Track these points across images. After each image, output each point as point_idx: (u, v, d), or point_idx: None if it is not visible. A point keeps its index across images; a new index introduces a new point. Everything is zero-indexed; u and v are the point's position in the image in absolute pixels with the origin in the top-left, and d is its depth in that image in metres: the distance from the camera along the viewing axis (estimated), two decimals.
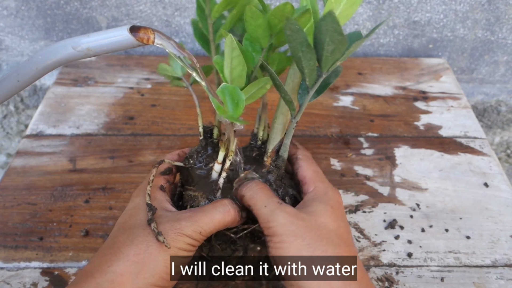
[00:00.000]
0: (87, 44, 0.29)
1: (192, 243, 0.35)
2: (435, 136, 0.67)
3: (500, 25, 0.81)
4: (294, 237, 0.34)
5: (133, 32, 0.29)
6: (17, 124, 0.97)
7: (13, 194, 0.58)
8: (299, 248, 0.34)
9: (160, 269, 0.33)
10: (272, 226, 0.35)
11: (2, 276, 0.49)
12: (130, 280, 0.32)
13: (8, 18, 0.81)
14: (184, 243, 0.34)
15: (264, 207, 0.36)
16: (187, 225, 0.35)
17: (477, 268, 0.51)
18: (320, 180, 0.39)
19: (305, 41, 0.32)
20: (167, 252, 0.34)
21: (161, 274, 0.33)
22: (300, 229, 0.34)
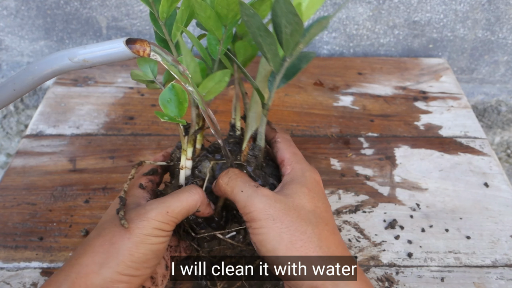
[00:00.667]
0: (84, 55, 0.30)
1: (161, 227, 0.34)
2: (435, 136, 0.67)
3: (500, 25, 0.81)
4: (273, 221, 0.33)
5: (129, 44, 0.30)
6: (17, 124, 0.97)
7: (13, 194, 0.58)
8: (279, 232, 0.33)
9: (124, 257, 0.33)
10: (250, 212, 0.34)
11: (2, 276, 0.49)
12: (95, 270, 0.32)
13: (8, 18, 0.81)
14: (150, 227, 0.34)
15: (241, 192, 0.35)
16: (152, 207, 0.35)
17: (477, 268, 0.51)
18: (297, 161, 0.39)
19: (262, 26, 0.32)
20: (131, 240, 0.33)
21: (126, 262, 0.33)
22: (278, 212, 0.34)
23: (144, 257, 0.34)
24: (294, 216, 0.34)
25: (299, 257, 0.33)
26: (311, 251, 0.33)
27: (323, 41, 0.84)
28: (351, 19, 0.81)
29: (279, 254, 0.33)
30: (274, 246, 0.33)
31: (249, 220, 0.35)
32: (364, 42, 0.84)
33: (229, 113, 0.48)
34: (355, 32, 0.83)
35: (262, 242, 0.34)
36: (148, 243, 0.34)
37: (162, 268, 0.38)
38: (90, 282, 0.32)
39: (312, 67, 0.80)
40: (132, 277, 0.33)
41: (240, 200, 0.35)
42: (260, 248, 0.34)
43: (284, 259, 0.33)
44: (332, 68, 0.80)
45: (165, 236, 0.35)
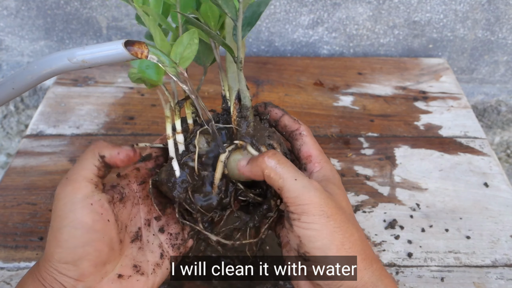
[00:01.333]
0: (83, 56, 0.30)
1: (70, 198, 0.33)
2: (435, 136, 0.67)
3: (500, 25, 0.81)
4: (327, 218, 0.32)
5: (127, 46, 0.30)
6: (17, 124, 0.97)
7: (13, 194, 0.58)
8: (332, 230, 0.32)
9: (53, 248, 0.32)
10: (304, 204, 0.32)
11: (2, 276, 0.49)
12: (42, 265, 0.33)
13: (8, 18, 0.81)
14: (61, 204, 0.33)
15: (295, 180, 0.33)
16: (59, 183, 0.35)
17: (477, 268, 0.51)
18: (326, 160, 0.38)
19: None
20: (53, 228, 0.33)
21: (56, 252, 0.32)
22: (332, 210, 0.32)
23: (71, 239, 0.32)
24: (344, 217, 0.33)
25: (347, 257, 0.32)
26: (357, 254, 0.33)
27: (323, 41, 0.84)
28: (351, 19, 0.81)
29: (329, 253, 0.32)
30: (325, 245, 0.32)
31: (299, 213, 0.32)
32: (364, 42, 0.84)
33: None
34: (355, 32, 0.83)
35: (311, 238, 0.32)
36: (68, 222, 0.32)
37: (155, 256, 0.37)
38: (45, 277, 0.32)
39: (312, 67, 0.81)
40: (75, 262, 0.32)
41: (293, 189, 0.32)
42: (306, 244, 0.32)
43: (332, 259, 0.32)
44: (332, 68, 0.80)
45: (82, 206, 0.33)
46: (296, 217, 0.32)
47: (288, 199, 0.33)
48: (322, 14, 0.81)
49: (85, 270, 0.32)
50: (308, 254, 0.32)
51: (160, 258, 0.37)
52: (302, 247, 0.33)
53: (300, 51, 0.86)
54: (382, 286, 0.32)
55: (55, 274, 0.32)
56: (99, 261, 0.33)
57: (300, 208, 0.32)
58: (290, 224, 0.33)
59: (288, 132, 0.40)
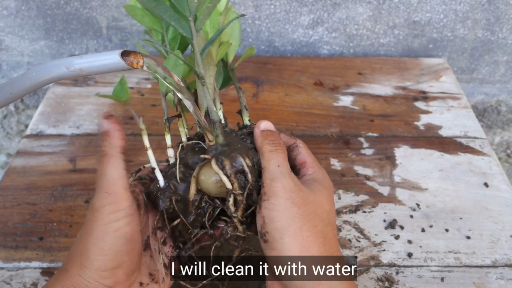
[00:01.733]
0: (80, 65, 0.31)
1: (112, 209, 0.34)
2: (435, 136, 0.67)
3: (500, 25, 0.81)
4: (292, 204, 0.34)
5: (124, 57, 0.31)
6: (17, 124, 0.97)
7: (13, 194, 0.58)
8: (293, 214, 0.34)
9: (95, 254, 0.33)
10: (276, 186, 0.35)
11: (2, 276, 0.49)
12: (76, 272, 0.33)
13: (8, 18, 0.81)
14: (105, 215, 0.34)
15: (278, 166, 0.36)
16: (95, 198, 0.36)
17: (477, 268, 0.51)
18: (319, 166, 0.40)
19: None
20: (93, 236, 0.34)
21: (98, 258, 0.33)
22: (299, 199, 0.35)
23: (114, 247, 0.33)
24: (311, 209, 0.35)
25: (302, 245, 0.33)
26: (314, 246, 0.34)
27: (323, 41, 0.84)
28: (351, 19, 0.81)
29: (286, 235, 0.33)
30: (284, 226, 0.33)
31: (270, 194, 0.35)
32: (364, 42, 0.84)
33: (231, 113, 0.47)
34: (355, 32, 0.83)
35: (273, 218, 0.34)
36: (111, 232, 0.33)
37: (162, 266, 0.38)
38: (76, 283, 0.33)
39: (312, 67, 0.81)
40: (113, 270, 0.33)
41: (272, 172, 0.35)
42: (268, 223, 0.34)
43: (286, 243, 0.33)
44: (332, 68, 0.80)
45: (124, 216, 0.34)
46: (266, 198, 0.35)
47: (265, 179, 0.35)
48: (322, 14, 0.81)
49: (119, 278, 0.34)
50: (268, 234, 0.34)
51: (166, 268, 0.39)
52: (263, 227, 0.34)
53: (300, 51, 0.86)
54: (336, 282, 0.33)
55: (89, 282, 0.33)
56: (130, 270, 0.35)
57: (272, 190, 0.35)
58: (259, 206, 0.35)
59: (288, 146, 0.42)
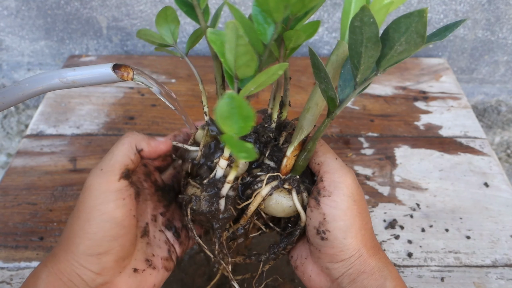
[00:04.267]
0: (73, 77, 0.32)
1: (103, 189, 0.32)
2: (435, 136, 0.67)
3: (500, 25, 0.81)
4: (354, 202, 0.34)
5: (115, 70, 0.32)
6: (17, 124, 0.97)
7: (14, 194, 0.58)
8: (355, 214, 0.34)
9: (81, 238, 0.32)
10: (338, 181, 0.34)
11: (3, 276, 0.49)
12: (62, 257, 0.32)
13: (8, 18, 0.81)
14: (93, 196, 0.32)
15: (335, 159, 0.35)
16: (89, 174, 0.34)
17: (477, 268, 0.51)
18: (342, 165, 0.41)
19: (374, 37, 0.29)
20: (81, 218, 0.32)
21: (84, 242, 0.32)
22: (359, 197, 0.34)
23: (100, 232, 0.32)
24: (364, 207, 0.35)
25: (361, 243, 0.34)
26: (369, 242, 0.34)
27: (323, 41, 0.84)
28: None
29: (349, 235, 0.33)
30: (347, 226, 0.33)
31: (331, 190, 0.34)
32: None
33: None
34: None
35: (336, 217, 0.33)
36: (97, 215, 0.32)
37: (163, 252, 0.37)
38: (63, 269, 0.32)
39: None
40: (99, 255, 0.32)
41: (332, 165, 0.34)
42: (329, 221, 0.33)
43: (349, 243, 0.33)
44: None
45: (114, 199, 0.32)
46: (326, 194, 0.34)
47: (325, 174, 0.34)
48: (322, 14, 0.81)
49: (107, 264, 0.32)
50: (328, 233, 0.33)
51: (168, 254, 0.38)
52: (324, 225, 0.33)
53: (300, 51, 0.86)
54: (387, 272, 0.34)
55: (76, 267, 0.32)
56: (120, 256, 0.33)
57: (333, 184, 0.34)
58: (317, 202, 0.34)
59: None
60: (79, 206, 0.33)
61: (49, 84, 0.32)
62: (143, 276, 0.35)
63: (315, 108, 0.37)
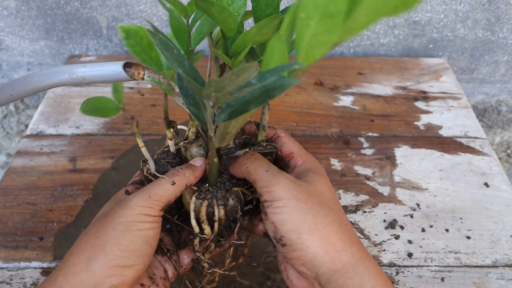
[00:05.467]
0: (83, 73, 0.32)
1: (144, 211, 0.34)
2: (435, 136, 0.67)
3: (500, 25, 0.81)
4: (297, 201, 0.34)
5: (126, 68, 0.32)
6: (17, 124, 0.97)
7: (14, 194, 0.58)
8: (303, 211, 0.34)
9: (111, 247, 0.32)
10: (274, 190, 0.34)
11: (3, 276, 0.49)
12: (83, 267, 0.32)
13: (8, 18, 0.81)
14: (133, 214, 0.34)
15: (266, 171, 0.36)
16: (133, 196, 0.35)
17: (478, 268, 0.51)
18: (306, 154, 0.40)
19: None
20: (116, 229, 0.33)
21: (113, 252, 0.32)
22: (302, 194, 0.34)
23: (133, 245, 0.33)
24: (317, 201, 0.35)
25: (321, 238, 0.33)
26: (333, 235, 0.33)
27: None
28: None
29: (302, 233, 0.33)
30: (298, 225, 0.33)
31: (270, 199, 0.34)
32: (364, 42, 0.84)
33: None
34: None
35: (285, 221, 0.33)
36: (134, 230, 0.33)
37: (160, 272, 0.38)
38: (79, 280, 0.32)
39: (312, 67, 0.80)
40: (124, 268, 0.32)
41: (264, 179, 0.35)
42: (280, 227, 0.34)
43: (305, 240, 0.33)
44: (332, 68, 0.80)
45: (151, 221, 0.35)
46: (269, 204, 0.34)
47: (261, 189, 0.35)
48: None
49: (127, 279, 0.33)
50: (284, 238, 0.34)
51: (164, 274, 0.38)
52: (277, 232, 0.34)
53: None
54: (362, 268, 0.32)
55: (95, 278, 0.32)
56: (139, 273, 0.34)
57: (272, 194, 0.34)
58: (265, 214, 0.35)
59: (268, 139, 0.42)
60: (115, 220, 0.34)
61: (59, 79, 0.32)
62: None
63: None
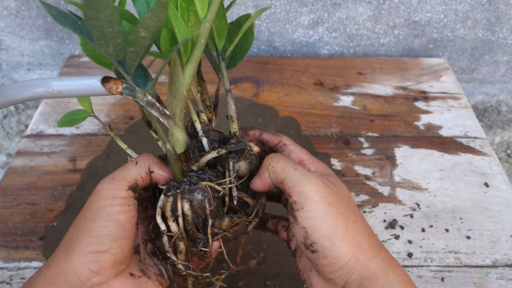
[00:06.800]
0: (60, 87, 0.31)
1: (110, 194, 0.34)
2: (435, 136, 0.67)
3: (500, 25, 0.81)
4: (329, 205, 0.32)
5: (104, 82, 0.31)
6: (17, 124, 0.97)
7: (14, 194, 0.58)
8: (335, 217, 0.32)
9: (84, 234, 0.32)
10: (305, 191, 0.32)
11: (3, 276, 0.49)
12: (63, 257, 0.32)
13: (8, 18, 0.81)
14: (101, 199, 0.34)
15: (295, 170, 0.34)
16: (100, 181, 0.35)
17: (478, 268, 0.51)
18: (318, 161, 0.39)
19: None
20: (87, 217, 0.33)
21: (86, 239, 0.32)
22: (333, 197, 0.33)
23: (104, 230, 0.33)
24: (346, 205, 0.33)
25: (354, 245, 0.32)
26: (364, 241, 0.33)
27: (323, 41, 0.84)
28: (351, 19, 0.81)
29: (336, 240, 0.32)
30: (331, 232, 0.32)
31: (302, 201, 0.32)
32: (364, 42, 0.84)
33: None
34: (355, 32, 0.83)
35: (317, 226, 0.32)
36: (104, 215, 0.33)
37: (155, 269, 0.37)
38: (60, 270, 0.32)
39: (312, 67, 0.80)
40: (99, 253, 0.32)
41: (293, 178, 0.33)
42: (312, 233, 0.32)
43: (339, 248, 0.32)
44: (332, 68, 0.80)
45: (120, 204, 0.34)
46: (299, 207, 0.33)
47: (290, 189, 0.33)
48: (322, 14, 0.81)
49: (105, 264, 0.33)
50: (315, 245, 0.32)
51: (159, 271, 0.38)
52: (308, 238, 0.32)
53: (300, 51, 0.86)
54: (393, 275, 0.32)
55: (74, 266, 0.32)
56: (118, 258, 0.33)
57: (302, 195, 0.33)
58: (294, 217, 0.33)
59: (272, 146, 0.40)
60: (86, 208, 0.34)
61: (34, 92, 0.31)
62: (140, 282, 0.35)
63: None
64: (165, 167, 0.38)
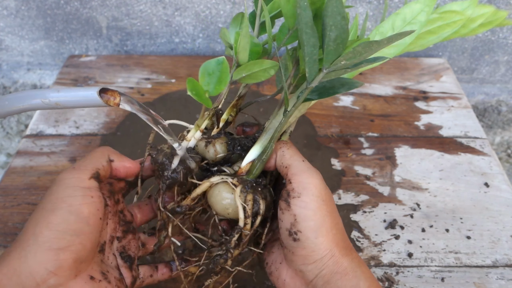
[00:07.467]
0: (56, 99, 0.31)
1: (72, 183, 0.33)
2: (435, 136, 0.67)
3: None
4: (323, 202, 0.34)
5: (101, 94, 0.31)
6: (17, 124, 0.97)
7: (13, 194, 0.58)
8: (325, 213, 0.34)
9: (42, 227, 0.31)
10: (306, 182, 0.34)
11: None
12: (16, 255, 0.30)
13: (8, 18, 0.81)
14: (62, 189, 0.32)
15: (302, 161, 0.36)
16: (62, 171, 0.35)
17: (478, 268, 0.51)
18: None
19: (309, 21, 0.29)
20: (46, 209, 0.32)
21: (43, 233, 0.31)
22: (326, 196, 0.35)
23: (64, 223, 0.30)
24: (333, 208, 0.36)
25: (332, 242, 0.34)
26: (340, 241, 0.35)
27: None
28: (351, 18, 0.81)
29: (320, 234, 0.34)
30: (317, 225, 0.34)
31: (300, 191, 0.34)
32: None
33: None
34: None
35: (306, 217, 0.34)
36: (65, 206, 0.31)
37: (115, 273, 0.35)
38: (13, 270, 0.29)
39: None
40: (59, 251, 0.30)
41: (299, 167, 0.35)
42: (300, 222, 0.34)
43: (321, 242, 0.34)
44: None
45: (82, 195, 0.32)
46: (296, 195, 0.34)
47: (293, 176, 0.35)
48: None
49: (64, 263, 0.30)
50: (300, 234, 0.34)
51: (120, 276, 0.36)
52: (295, 226, 0.34)
53: None
54: (360, 272, 0.34)
55: (29, 264, 0.29)
56: (79, 256, 0.31)
57: (302, 185, 0.34)
58: (287, 203, 0.35)
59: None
60: (46, 198, 0.32)
61: (30, 103, 0.31)
62: (100, 286, 0.33)
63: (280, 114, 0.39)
64: (126, 158, 0.38)
